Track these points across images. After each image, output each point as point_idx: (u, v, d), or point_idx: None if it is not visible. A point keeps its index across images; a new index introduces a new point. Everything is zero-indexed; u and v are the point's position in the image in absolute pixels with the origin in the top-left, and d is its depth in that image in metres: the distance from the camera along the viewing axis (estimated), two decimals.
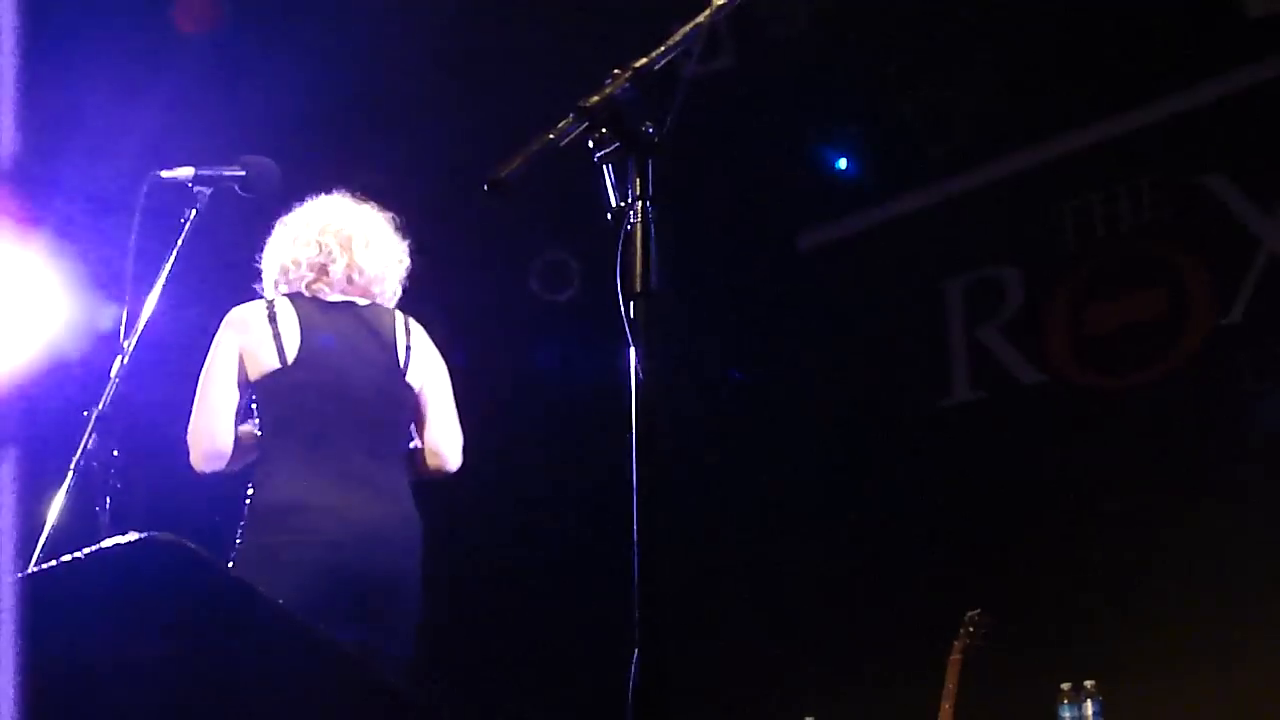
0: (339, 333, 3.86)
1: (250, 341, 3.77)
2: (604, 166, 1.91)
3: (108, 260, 5.81)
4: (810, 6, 5.90)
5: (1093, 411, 6.19)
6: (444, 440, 3.92)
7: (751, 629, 6.61)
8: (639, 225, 1.86)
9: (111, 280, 5.61)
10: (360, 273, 3.95)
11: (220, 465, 3.72)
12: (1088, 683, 4.98)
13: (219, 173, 3.71)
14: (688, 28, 2.05)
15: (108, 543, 1.64)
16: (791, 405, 7.00)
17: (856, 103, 6.60)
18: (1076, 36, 5.98)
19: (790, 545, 6.68)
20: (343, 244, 3.95)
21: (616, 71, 1.94)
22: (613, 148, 1.90)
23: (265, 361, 3.74)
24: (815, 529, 6.64)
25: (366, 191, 6.33)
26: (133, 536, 1.64)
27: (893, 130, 6.59)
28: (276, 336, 3.77)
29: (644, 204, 1.86)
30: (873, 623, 6.30)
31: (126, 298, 3.51)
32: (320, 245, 3.93)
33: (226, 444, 3.71)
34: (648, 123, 1.89)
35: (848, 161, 6.89)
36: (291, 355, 3.76)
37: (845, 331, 6.94)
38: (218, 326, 3.79)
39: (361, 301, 3.95)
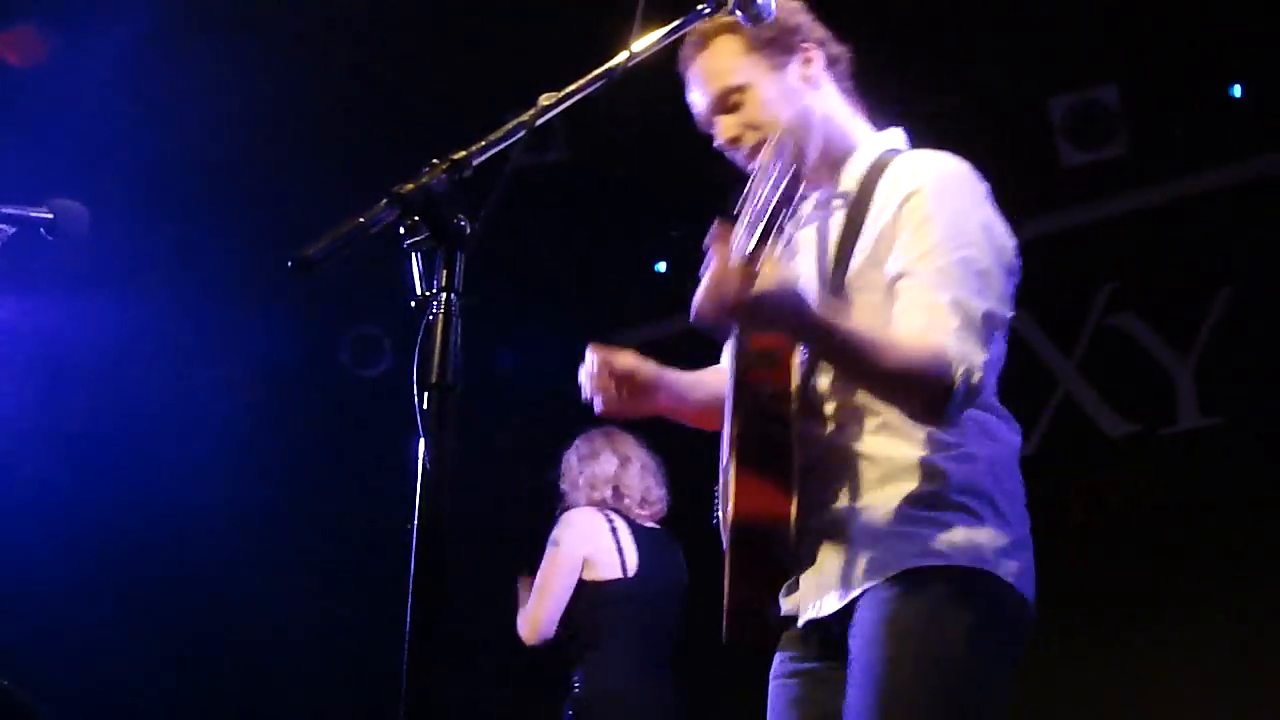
0: (653, 553, 5.15)
1: (595, 550, 5.02)
2: (413, 253, 1.90)
3: None
4: (645, 113, 5.98)
5: None
6: None
7: None
8: (441, 316, 1.85)
9: None
10: (645, 500, 5.23)
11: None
12: None
13: (25, 213, 3.56)
14: (512, 124, 2.05)
15: None
16: None
17: (682, 207, 6.68)
18: None
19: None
20: (636, 473, 5.25)
21: (435, 161, 1.93)
22: (423, 236, 1.88)
23: (607, 570, 5.00)
24: None
25: (181, 245, 6.23)
26: None
27: None
28: (620, 551, 5.05)
29: (449, 296, 1.85)
30: None
31: None
32: (617, 471, 5.24)
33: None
34: (460, 215, 1.89)
35: (667, 265, 6.97)
36: (631, 568, 5.03)
37: (657, 433, 6.96)
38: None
39: (650, 525, 5.24)
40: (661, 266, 7.03)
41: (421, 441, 1.81)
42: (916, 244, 2.47)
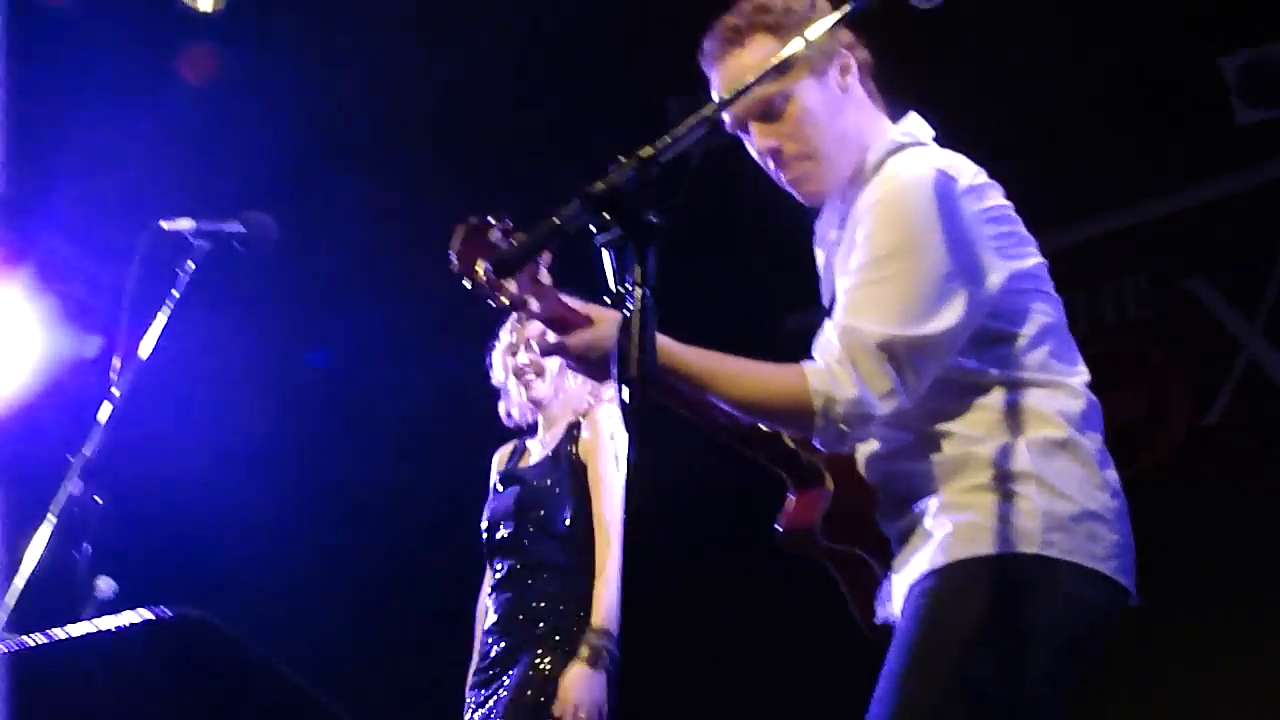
0: None
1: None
2: (605, 250, 1.94)
3: (93, 298, 5.78)
4: None
5: None
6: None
7: None
8: (638, 312, 1.89)
9: (97, 320, 5.60)
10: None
11: None
12: None
13: (219, 228, 3.73)
14: (694, 119, 2.08)
15: (133, 617, 1.59)
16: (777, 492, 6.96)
17: None
18: (1067, 136, 6.06)
19: (768, 638, 6.56)
20: None
21: (621, 159, 1.97)
22: (614, 234, 1.92)
23: None
24: (789, 619, 6.55)
25: (353, 245, 6.36)
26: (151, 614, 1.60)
27: None
28: None
29: (643, 291, 1.89)
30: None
31: (120, 344, 3.52)
32: None
33: None
34: (651, 211, 1.93)
35: None
36: None
37: None
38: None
39: None
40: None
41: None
42: (851, 266, 2.61)
